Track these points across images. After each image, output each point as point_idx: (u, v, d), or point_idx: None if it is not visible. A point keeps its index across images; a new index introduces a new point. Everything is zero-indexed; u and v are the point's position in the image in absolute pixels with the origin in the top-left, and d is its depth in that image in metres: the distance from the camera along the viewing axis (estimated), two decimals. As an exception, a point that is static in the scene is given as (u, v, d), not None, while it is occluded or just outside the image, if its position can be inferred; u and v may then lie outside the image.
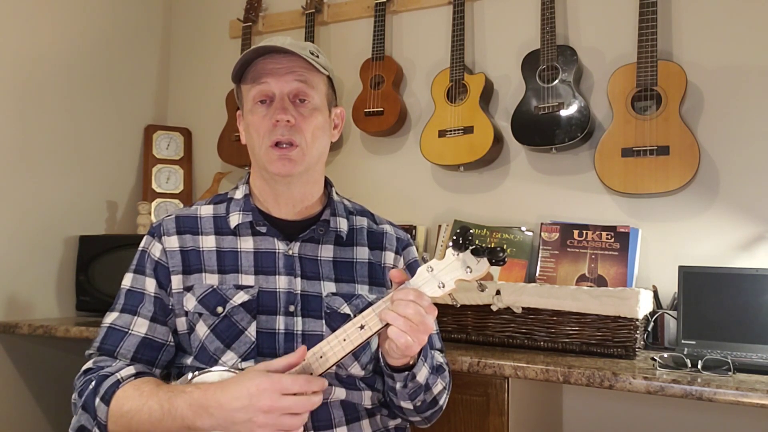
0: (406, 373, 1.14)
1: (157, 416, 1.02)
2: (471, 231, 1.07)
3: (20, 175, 2.26)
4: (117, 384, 1.08)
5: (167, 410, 1.02)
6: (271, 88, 1.18)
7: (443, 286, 1.07)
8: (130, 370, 1.11)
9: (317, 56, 1.20)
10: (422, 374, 1.15)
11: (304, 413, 1.00)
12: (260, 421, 0.96)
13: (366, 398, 1.20)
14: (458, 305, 1.16)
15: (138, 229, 2.51)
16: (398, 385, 1.15)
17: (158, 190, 2.66)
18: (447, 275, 1.07)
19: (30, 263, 2.28)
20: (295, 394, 0.99)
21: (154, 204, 2.61)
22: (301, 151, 1.17)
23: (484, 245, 1.05)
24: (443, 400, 1.25)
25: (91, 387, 1.10)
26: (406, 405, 1.19)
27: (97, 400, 1.08)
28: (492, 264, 1.06)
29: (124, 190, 2.66)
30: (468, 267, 1.06)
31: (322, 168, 1.27)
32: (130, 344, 1.15)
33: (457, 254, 1.06)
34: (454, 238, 1.06)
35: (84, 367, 1.15)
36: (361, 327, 1.06)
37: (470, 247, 1.05)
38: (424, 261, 1.09)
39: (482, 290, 1.10)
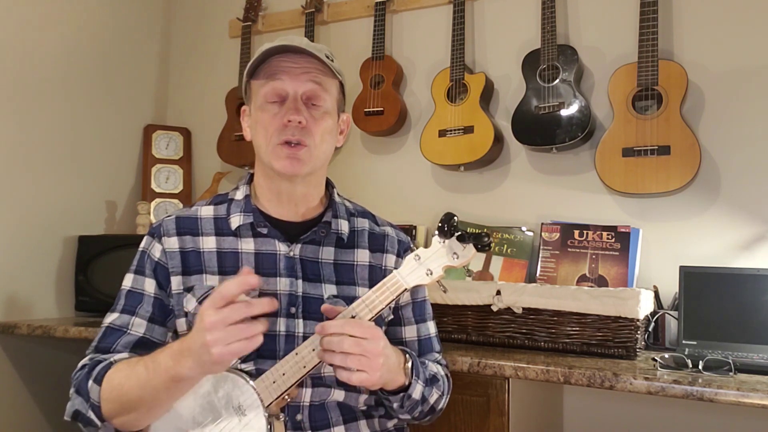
0: (402, 394, 1.14)
1: (143, 377, 1.03)
2: (455, 217, 1.07)
3: (19, 175, 2.26)
4: (110, 365, 1.09)
5: (152, 369, 1.02)
6: (285, 86, 1.16)
7: (431, 273, 1.08)
8: (124, 354, 1.13)
9: (332, 60, 1.20)
10: (417, 391, 1.15)
11: (251, 324, 0.96)
12: (209, 339, 0.93)
13: (363, 399, 1.20)
14: (446, 291, 1.17)
15: (137, 229, 2.50)
16: (395, 405, 1.16)
17: (157, 190, 2.66)
18: (434, 262, 1.08)
19: (29, 263, 2.28)
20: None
21: (153, 204, 2.61)
22: (308, 152, 1.17)
23: (468, 231, 1.07)
24: (441, 405, 1.24)
25: (84, 372, 1.11)
26: (404, 417, 1.21)
27: (90, 381, 1.08)
28: (478, 249, 1.07)
29: (123, 190, 2.65)
30: (454, 253, 1.07)
31: (325, 171, 1.27)
32: (126, 342, 1.15)
33: (443, 241, 1.08)
34: (440, 225, 1.07)
35: (80, 364, 1.16)
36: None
37: (456, 234, 1.07)
38: (412, 251, 1.10)
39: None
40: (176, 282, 1.18)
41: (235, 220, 1.21)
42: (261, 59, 1.17)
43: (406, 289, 1.08)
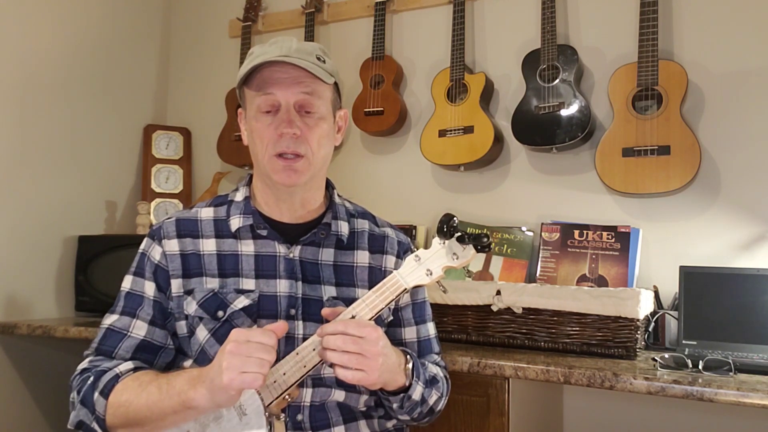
0: (402, 395, 1.14)
1: (155, 398, 1.03)
2: (455, 218, 1.08)
3: (19, 175, 2.26)
4: (116, 378, 1.09)
5: (165, 390, 1.03)
6: (276, 98, 1.16)
7: (431, 274, 1.09)
8: (129, 365, 1.12)
9: (324, 61, 1.19)
10: (417, 392, 1.16)
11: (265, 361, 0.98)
12: (225, 364, 0.96)
13: (363, 400, 1.20)
14: (446, 292, 1.17)
15: (137, 229, 2.50)
16: (395, 406, 1.16)
17: (157, 190, 2.66)
18: (434, 263, 1.09)
19: (29, 263, 2.28)
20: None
21: (153, 204, 2.61)
22: (306, 162, 1.17)
23: (468, 231, 1.08)
24: (440, 406, 1.25)
25: (89, 382, 1.10)
26: (404, 417, 1.21)
27: (96, 394, 1.08)
28: (477, 250, 1.08)
29: (123, 190, 2.65)
30: (454, 254, 1.08)
31: (324, 174, 1.27)
32: (128, 346, 1.15)
33: (443, 242, 1.09)
34: (439, 226, 1.07)
35: (80, 367, 1.15)
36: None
37: (455, 235, 1.08)
38: (412, 252, 1.10)
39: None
40: (176, 285, 1.17)
41: (235, 222, 1.21)
42: (249, 69, 1.16)
43: (406, 289, 1.09)
